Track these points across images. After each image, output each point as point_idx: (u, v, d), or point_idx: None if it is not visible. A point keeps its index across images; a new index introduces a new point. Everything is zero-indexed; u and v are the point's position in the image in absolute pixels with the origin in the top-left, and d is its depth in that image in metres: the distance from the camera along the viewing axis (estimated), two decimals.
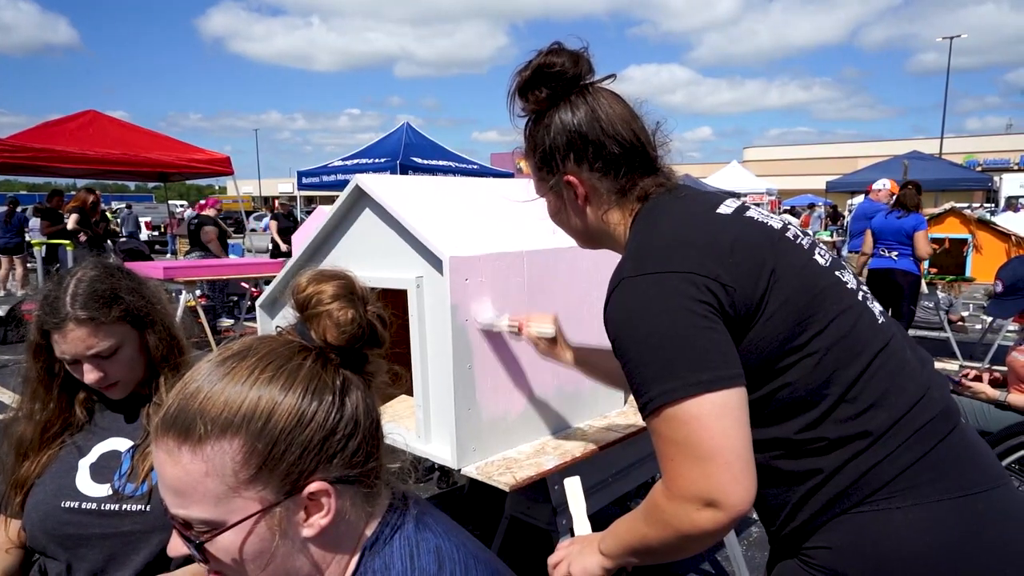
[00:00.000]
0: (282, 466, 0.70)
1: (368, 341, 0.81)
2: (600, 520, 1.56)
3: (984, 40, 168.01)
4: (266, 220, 15.29)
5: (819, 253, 1.02)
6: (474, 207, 1.94)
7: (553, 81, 1.06)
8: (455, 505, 3.44)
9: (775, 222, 1.03)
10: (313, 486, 0.72)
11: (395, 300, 1.80)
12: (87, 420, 1.39)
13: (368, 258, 1.85)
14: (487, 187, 2.16)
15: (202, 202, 10.00)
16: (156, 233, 22.67)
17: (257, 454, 0.69)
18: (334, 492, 0.73)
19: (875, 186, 6.56)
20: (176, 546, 0.74)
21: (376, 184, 1.79)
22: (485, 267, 1.65)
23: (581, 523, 1.23)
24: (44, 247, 8.73)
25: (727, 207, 1.03)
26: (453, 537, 0.82)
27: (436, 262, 1.62)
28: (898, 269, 5.62)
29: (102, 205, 8.66)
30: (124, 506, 1.28)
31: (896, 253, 5.63)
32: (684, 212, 1.02)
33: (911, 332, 5.98)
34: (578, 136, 1.05)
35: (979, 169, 29.59)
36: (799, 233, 1.04)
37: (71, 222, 7.94)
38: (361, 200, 1.84)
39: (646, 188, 1.07)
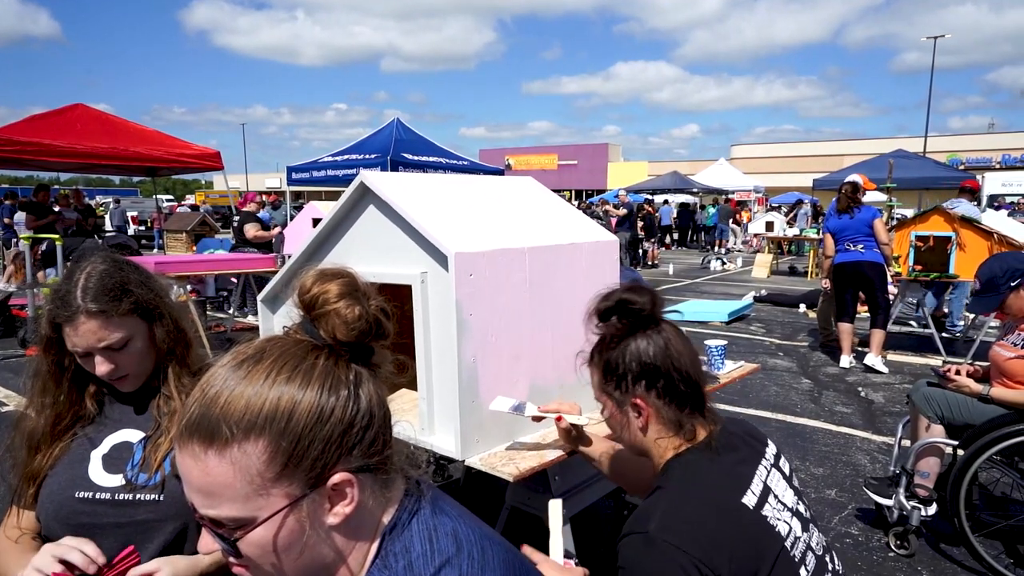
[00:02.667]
0: (306, 461, 0.73)
1: (375, 335, 0.84)
2: (595, 514, 1.61)
3: (965, 40, 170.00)
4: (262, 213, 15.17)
5: (806, 564, 1.13)
6: (476, 204, 1.97)
7: (632, 315, 1.22)
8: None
9: (783, 525, 1.13)
10: (336, 477, 0.75)
11: (396, 292, 1.83)
12: (97, 412, 1.41)
13: (372, 254, 1.88)
14: (488, 184, 2.20)
15: (240, 199, 9.97)
16: (143, 228, 22.50)
17: (281, 452, 0.72)
18: (356, 481, 0.76)
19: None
20: (207, 544, 0.76)
21: (381, 181, 1.82)
22: (488, 263, 1.69)
23: (556, 547, 1.32)
24: (30, 241, 8.66)
25: (752, 495, 1.12)
26: (467, 520, 0.86)
27: (441, 258, 1.65)
28: (866, 261, 5.83)
29: (86, 199, 8.59)
30: (138, 496, 1.31)
31: (862, 246, 5.84)
32: (714, 493, 1.12)
33: (893, 328, 6.10)
34: (652, 367, 1.20)
35: (962, 168, 29.95)
36: (800, 534, 1.15)
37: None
38: (366, 197, 1.87)
39: (694, 430, 1.21)
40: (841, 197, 5.98)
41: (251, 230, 8.52)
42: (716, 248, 19.54)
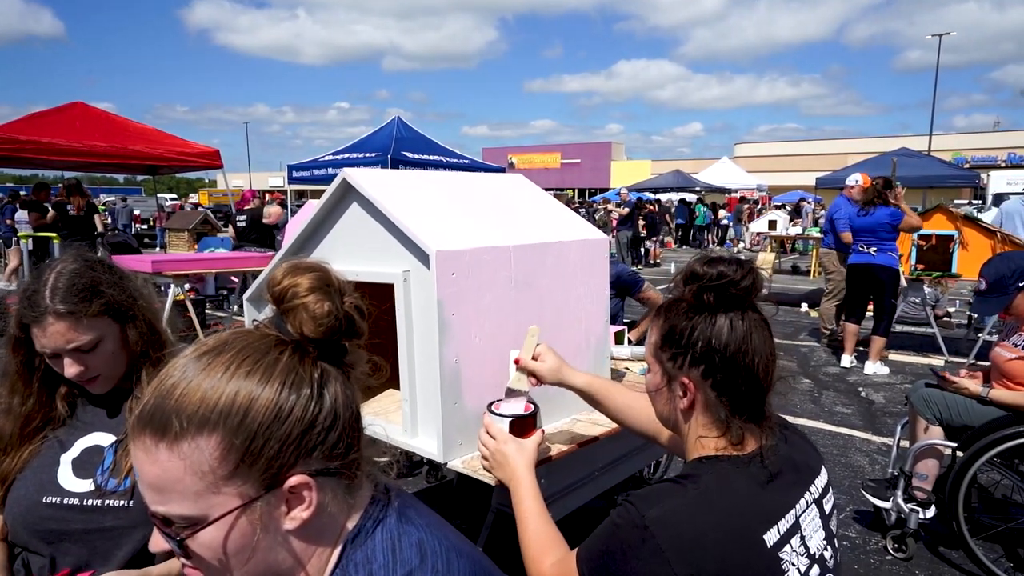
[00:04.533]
0: (261, 461, 0.70)
1: (346, 333, 0.80)
2: (585, 516, 1.58)
3: (968, 38, 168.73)
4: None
5: None
6: (462, 201, 1.94)
7: (722, 290, 1.06)
8: (444, 499, 3.45)
9: (794, 572, 1.00)
10: (293, 480, 0.72)
11: (382, 291, 1.79)
12: (69, 415, 1.38)
13: (355, 252, 1.85)
14: (475, 181, 2.16)
15: (238, 200, 10.12)
16: (145, 226, 22.55)
17: (235, 450, 0.69)
18: (315, 485, 0.73)
19: (848, 182, 6.62)
20: (157, 542, 0.73)
21: (363, 178, 1.78)
22: (472, 261, 1.65)
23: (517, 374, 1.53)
24: (31, 240, 8.66)
25: (776, 532, 0.99)
26: (435, 530, 0.82)
27: (423, 256, 1.62)
28: (877, 264, 5.70)
29: (89, 198, 8.60)
30: (106, 501, 1.28)
31: (875, 249, 5.70)
32: (736, 518, 0.99)
33: (897, 327, 6.05)
34: (718, 355, 1.05)
35: (967, 166, 29.80)
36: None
37: (48, 218, 7.91)
38: (348, 194, 1.83)
39: (743, 438, 1.06)
40: (869, 188, 5.75)
41: (271, 209, 8.69)
42: (734, 247, 19.42)
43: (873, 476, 3.64)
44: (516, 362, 1.59)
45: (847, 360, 6.12)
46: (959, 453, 2.77)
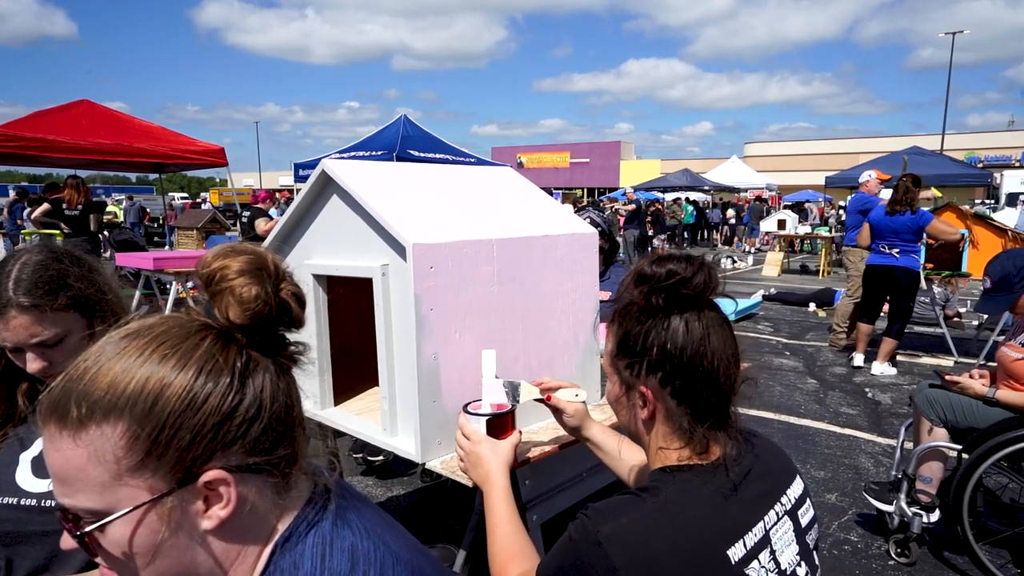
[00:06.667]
0: (171, 452, 0.66)
1: (279, 321, 0.76)
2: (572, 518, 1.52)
3: (982, 36, 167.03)
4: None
5: None
6: (445, 194, 1.89)
7: (673, 290, 1.00)
8: (439, 499, 3.41)
9: None
10: (209, 474, 0.67)
11: (366, 285, 1.75)
12: (31, 411, 1.34)
13: (336, 246, 1.80)
14: (460, 174, 2.11)
15: (253, 196, 10.04)
16: (155, 225, 22.71)
17: (142, 439, 0.65)
18: (234, 481, 0.69)
19: (861, 179, 6.54)
20: (67, 539, 0.69)
21: (342, 169, 1.74)
22: (451, 254, 1.60)
23: (489, 389, 1.48)
24: (36, 238, 8.69)
25: (742, 547, 0.93)
26: (375, 535, 0.77)
27: (400, 249, 1.57)
28: (899, 267, 5.57)
29: (94, 196, 8.59)
30: None
31: (897, 251, 5.57)
32: (697, 533, 0.92)
33: (908, 328, 5.96)
34: (675, 359, 0.99)
35: (980, 165, 29.47)
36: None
37: (37, 213, 7.82)
38: (328, 186, 1.79)
39: (707, 445, 1.00)
40: (899, 186, 5.50)
41: (262, 224, 8.62)
42: (747, 246, 19.23)
43: (878, 478, 3.56)
44: (538, 388, 1.51)
45: (859, 359, 6.02)
46: (964, 455, 2.69)
